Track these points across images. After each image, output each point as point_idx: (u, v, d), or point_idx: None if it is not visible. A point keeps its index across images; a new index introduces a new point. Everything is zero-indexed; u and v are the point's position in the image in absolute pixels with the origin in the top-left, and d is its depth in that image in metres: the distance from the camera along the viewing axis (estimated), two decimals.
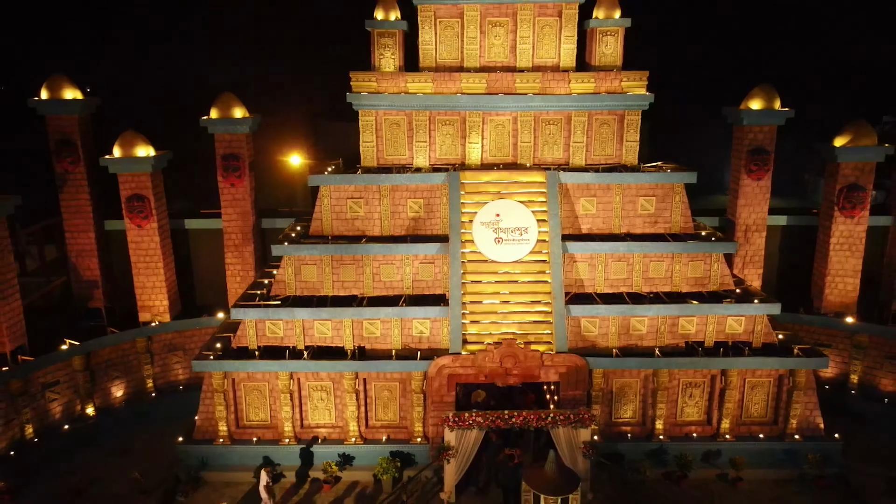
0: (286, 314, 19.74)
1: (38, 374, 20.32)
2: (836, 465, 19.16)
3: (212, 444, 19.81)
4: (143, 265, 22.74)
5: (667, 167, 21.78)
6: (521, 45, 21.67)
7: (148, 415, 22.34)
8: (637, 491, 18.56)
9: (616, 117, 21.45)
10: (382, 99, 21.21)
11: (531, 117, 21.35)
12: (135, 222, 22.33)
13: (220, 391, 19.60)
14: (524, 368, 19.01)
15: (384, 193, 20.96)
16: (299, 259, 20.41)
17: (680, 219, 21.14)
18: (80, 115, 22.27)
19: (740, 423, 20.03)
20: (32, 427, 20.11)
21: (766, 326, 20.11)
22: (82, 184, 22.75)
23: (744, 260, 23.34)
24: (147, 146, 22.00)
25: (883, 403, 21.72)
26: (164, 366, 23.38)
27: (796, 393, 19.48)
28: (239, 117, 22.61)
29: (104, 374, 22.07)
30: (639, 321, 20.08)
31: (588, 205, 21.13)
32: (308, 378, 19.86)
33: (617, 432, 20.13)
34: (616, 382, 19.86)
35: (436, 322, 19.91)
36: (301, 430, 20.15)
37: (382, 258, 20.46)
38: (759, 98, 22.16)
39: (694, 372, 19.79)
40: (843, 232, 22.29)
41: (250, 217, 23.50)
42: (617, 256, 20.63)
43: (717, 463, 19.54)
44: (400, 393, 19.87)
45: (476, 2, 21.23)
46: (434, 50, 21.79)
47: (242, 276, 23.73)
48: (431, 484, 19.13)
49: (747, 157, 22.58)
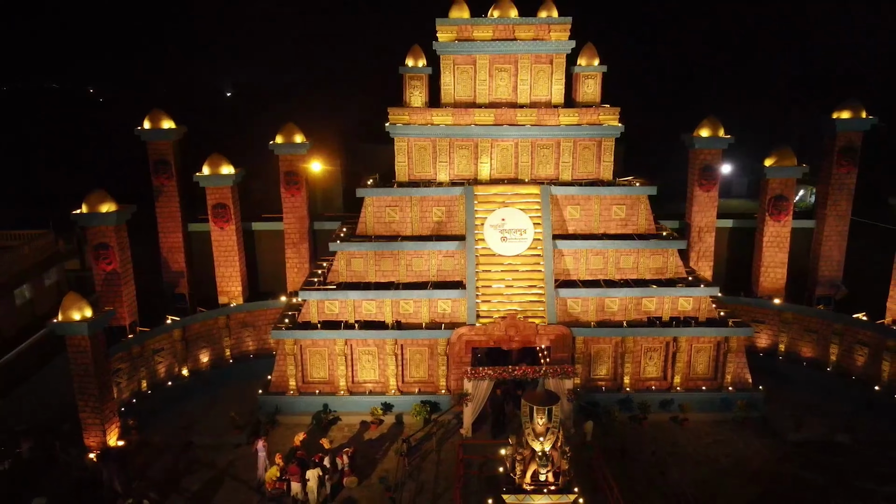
0: (341, 295, 25.80)
1: (149, 342, 26.35)
2: (759, 409, 25.21)
3: (284, 396, 25.82)
4: (223, 259, 28.74)
5: (636, 181, 27.87)
6: (521, 85, 27.74)
7: (228, 376, 28.33)
8: (609, 429, 24.51)
9: (595, 143, 27.48)
10: (412, 129, 27.26)
11: (529, 143, 27.40)
12: (218, 225, 28.34)
13: (291, 354, 25.63)
14: (523, 336, 25.07)
15: (414, 202, 27.00)
16: (350, 253, 26.46)
17: (644, 222, 27.19)
18: (173, 141, 28.27)
19: (688, 378, 26.08)
20: (146, 382, 26.16)
21: (708, 305, 26.17)
22: (174, 195, 28.74)
23: (698, 255, 29.35)
24: (229, 165, 28.02)
25: (802, 366, 27.77)
26: (238, 339, 29.37)
27: (730, 355, 25.54)
28: (298, 142, 28.59)
29: (195, 343, 28.10)
30: (611, 301, 26.11)
31: (573, 211, 27.18)
32: (358, 344, 25.86)
33: (594, 386, 26.16)
34: (593, 347, 25.89)
35: (455, 302, 25.93)
36: (352, 384, 26.18)
37: (414, 253, 26.48)
38: (707, 127, 28.21)
39: (653, 339, 25.81)
40: (773, 233, 28.34)
41: (305, 221, 29.47)
42: (595, 251, 26.65)
43: (670, 409, 25.54)
44: (428, 355, 25.89)
45: (486, 52, 27.32)
46: (453, 89, 27.88)
47: (299, 268, 29.69)
48: (452, 425, 25.08)
49: (699, 173, 28.62)
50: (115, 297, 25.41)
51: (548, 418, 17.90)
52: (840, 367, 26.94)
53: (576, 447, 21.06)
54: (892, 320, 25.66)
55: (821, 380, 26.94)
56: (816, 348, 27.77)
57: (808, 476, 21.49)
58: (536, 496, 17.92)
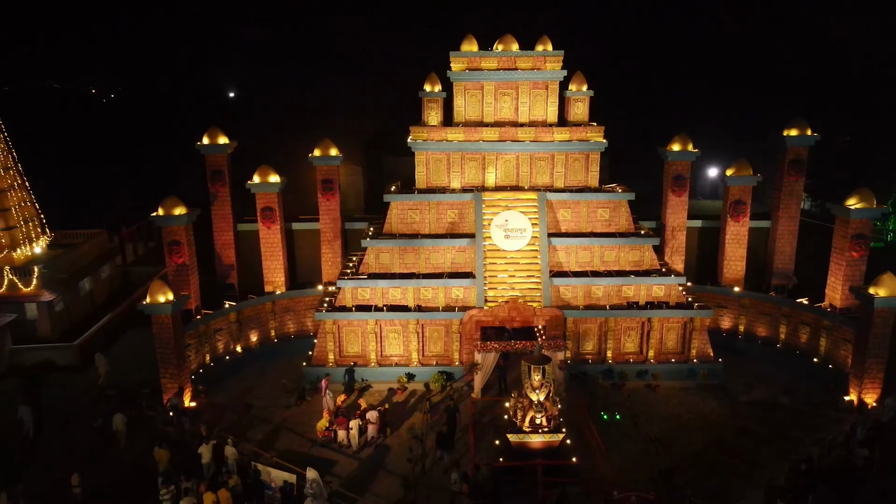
0: (371, 284, 31.01)
1: (211, 323, 31.57)
2: (718, 378, 30.39)
3: (324, 367, 31.00)
4: (269, 253, 33.92)
5: (619, 188, 33.07)
6: (521, 107, 32.96)
7: (274, 352, 33.54)
8: (594, 394, 29.66)
9: (584, 156, 32.68)
10: (430, 144, 32.46)
11: (528, 156, 32.59)
12: (265, 225, 33.52)
13: (330, 332, 30.84)
14: (524, 317, 30.27)
15: (432, 206, 32.19)
16: (378, 248, 31.65)
17: (625, 222, 32.38)
18: (227, 154, 33.46)
19: (660, 352, 31.27)
20: (209, 356, 31.39)
21: (678, 291, 31.37)
22: (226, 200, 33.95)
23: (671, 250, 34.51)
24: (275, 175, 33.21)
25: (757, 343, 33.00)
26: (281, 321, 34.57)
27: (695, 333, 30.74)
28: (332, 154, 33.76)
29: (246, 325, 33.32)
30: (597, 288, 31.29)
31: (565, 213, 32.37)
32: (385, 324, 31.05)
33: (582, 359, 31.33)
34: (581, 327, 31.08)
35: (467, 289, 31.11)
36: (381, 358, 31.37)
37: (431, 248, 31.67)
38: (678, 142, 33.40)
39: (631, 320, 31.00)
40: (733, 232, 33.52)
41: (339, 221, 34.63)
42: (583, 247, 31.83)
43: (645, 378, 30.72)
44: (444, 333, 31.08)
45: (492, 80, 32.54)
46: (464, 111, 33.10)
47: (332, 262, 34.85)
48: (465, 391, 30.25)
49: (671, 181, 33.79)
50: (185, 286, 30.63)
51: (542, 375, 23.16)
52: (788, 343, 32.19)
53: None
54: (828, 304, 30.89)
55: (771, 354, 32.18)
56: (769, 328, 33.01)
57: (751, 427, 26.69)
58: (533, 435, 23.16)
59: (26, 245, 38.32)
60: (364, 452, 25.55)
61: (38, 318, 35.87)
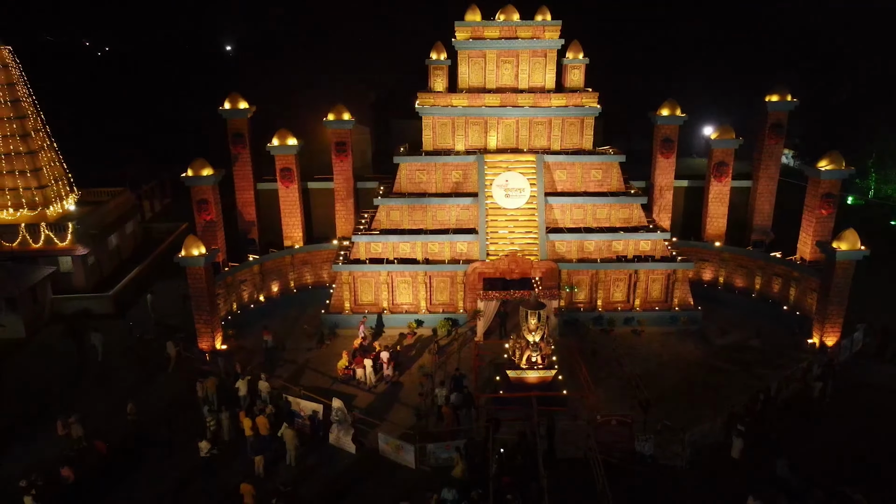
0: (383, 239, 33.94)
1: (237, 275, 34.65)
2: (697, 324, 33.66)
3: (340, 314, 34.19)
4: (287, 211, 36.73)
5: (611, 150, 35.71)
6: (521, 74, 35.29)
7: (293, 302, 36.73)
8: (585, 337, 32.94)
9: (579, 120, 35.18)
10: (436, 109, 34.93)
11: (527, 120, 35.09)
12: (284, 184, 36.23)
13: (346, 283, 33.93)
14: (522, 269, 33.32)
15: (438, 167, 34.86)
16: (389, 206, 34.46)
17: (616, 182, 35.12)
18: (247, 118, 35.93)
19: (645, 301, 34.46)
20: (236, 304, 34.58)
21: (662, 246, 34.35)
22: (247, 160, 36.56)
23: (659, 208, 37.26)
24: (293, 137, 35.76)
25: (735, 293, 36.20)
26: (299, 273, 37.63)
27: (677, 283, 33.86)
28: (345, 119, 36.22)
29: (268, 276, 36.40)
30: (589, 243, 34.24)
31: (561, 174, 35.07)
32: (396, 275, 34.10)
33: (576, 308, 34.50)
34: (574, 278, 34.16)
35: (470, 243, 34.05)
36: (392, 306, 34.55)
37: (438, 206, 34.47)
38: (666, 108, 35.83)
39: (619, 272, 34.06)
40: (716, 191, 36.29)
41: (351, 181, 37.30)
42: (578, 205, 34.65)
43: (632, 324, 33.97)
44: (450, 284, 34.18)
45: (494, 48, 34.80)
46: (468, 77, 35.44)
47: (346, 218, 37.63)
48: (468, 336, 33.51)
49: (660, 144, 36.35)
50: (213, 240, 33.54)
51: (537, 319, 26.33)
52: (762, 293, 35.38)
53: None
54: (799, 258, 33.93)
55: (747, 303, 35.40)
56: (746, 279, 36.15)
57: (722, 366, 30.07)
58: (529, 371, 26.48)
59: (57, 203, 41.12)
60: (379, 388, 28.94)
61: (73, 271, 39.00)
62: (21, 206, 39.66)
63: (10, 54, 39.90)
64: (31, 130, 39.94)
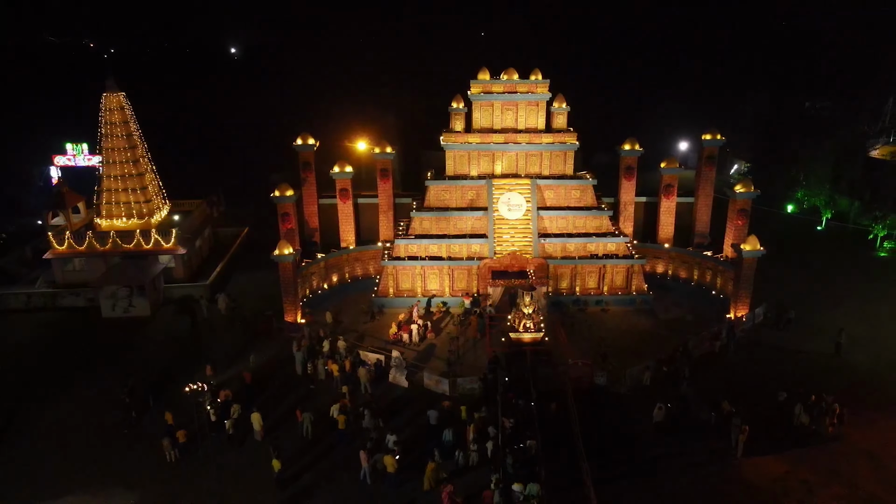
0: (418, 242, 45.99)
1: (310, 269, 46.66)
2: (649, 304, 45.68)
3: (386, 297, 46.19)
4: (344, 220, 48.71)
5: (587, 175, 47.77)
6: (520, 118, 47.35)
7: (349, 289, 48.74)
8: (566, 314, 44.87)
9: (563, 153, 47.21)
10: (456, 145, 46.98)
11: (524, 153, 47.12)
12: (342, 200, 48.25)
13: (391, 274, 45.96)
14: (520, 264, 45.35)
15: (457, 188, 46.89)
16: (421, 217, 46.50)
17: (591, 199, 47.16)
18: (313, 151, 47.92)
19: (612, 288, 46.47)
20: (308, 290, 46.63)
21: (625, 247, 46.38)
22: (312, 183, 48.57)
23: (624, 219, 49.24)
24: (349, 165, 47.79)
25: (679, 282, 48.28)
26: (352, 268, 49.64)
27: (634, 275, 45.92)
28: (389, 151, 48.18)
29: (331, 270, 48.43)
30: (570, 245, 46.26)
31: (550, 193, 47.08)
32: (427, 269, 46.06)
33: (560, 293, 46.48)
34: (559, 271, 46.18)
35: (482, 245, 46.04)
36: (425, 291, 46.54)
37: (458, 218, 46.50)
38: (628, 143, 47.85)
39: (592, 266, 46.06)
40: (665, 206, 48.33)
41: (391, 198, 49.23)
42: (562, 217, 46.66)
43: (600, 304, 45.96)
44: (467, 275, 46.17)
45: (499, 99, 46.86)
46: (479, 120, 47.53)
47: (387, 226, 49.53)
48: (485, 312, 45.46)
49: (624, 170, 48.37)
50: (292, 243, 45.47)
51: (531, 298, 38.41)
52: (698, 282, 47.45)
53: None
54: (724, 256, 46.00)
55: (687, 290, 47.47)
56: (687, 272, 48.25)
57: (663, 333, 42.02)
58: (525, 334, 38.51)
59: (158, 213, 53.16)
60: (420, 346, 41.00)
61: (174, 266, 51.02)
62: (132, 216, 51.68)
63: (125, 99, 51.80)
64: (139, 157, 51.95)
